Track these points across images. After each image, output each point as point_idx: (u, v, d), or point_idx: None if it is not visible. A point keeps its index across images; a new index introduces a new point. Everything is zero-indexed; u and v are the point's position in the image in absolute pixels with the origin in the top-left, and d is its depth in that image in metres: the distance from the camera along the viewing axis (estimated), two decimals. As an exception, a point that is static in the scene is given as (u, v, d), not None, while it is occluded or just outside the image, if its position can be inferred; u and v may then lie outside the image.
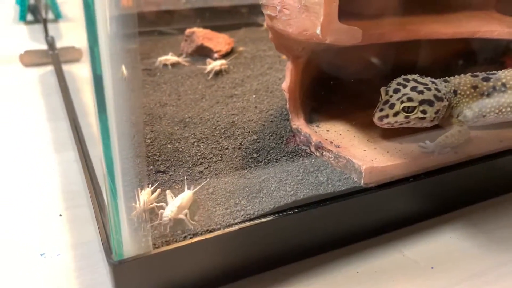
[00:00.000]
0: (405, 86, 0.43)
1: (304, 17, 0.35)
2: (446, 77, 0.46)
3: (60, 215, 0.45)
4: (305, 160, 0.44)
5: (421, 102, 0.42)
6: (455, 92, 0.45)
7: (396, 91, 0.43)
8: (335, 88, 0.52)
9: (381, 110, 0.42)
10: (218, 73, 0.65)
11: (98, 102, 0.29)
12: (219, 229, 0.36)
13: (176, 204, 0.36)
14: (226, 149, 0.46)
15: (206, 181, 0.40)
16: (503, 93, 0.46)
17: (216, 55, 0.71)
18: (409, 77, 0.44)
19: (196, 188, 0.39)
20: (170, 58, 0.69)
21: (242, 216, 0.37)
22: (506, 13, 0.56)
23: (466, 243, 0.43)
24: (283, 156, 0.45)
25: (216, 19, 0.90)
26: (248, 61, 0.72)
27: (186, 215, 0.36)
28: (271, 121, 0.51)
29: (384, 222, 0.43)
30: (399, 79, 0.44)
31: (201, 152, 0.46)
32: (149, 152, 0.45)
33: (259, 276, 0.38)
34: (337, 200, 0.40)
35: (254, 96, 0.58)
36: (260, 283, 0.38)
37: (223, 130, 0.49)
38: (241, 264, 0.37)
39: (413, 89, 0.42)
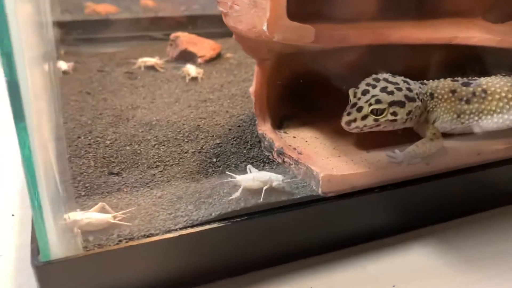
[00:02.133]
0: (374, 87, 0.40)
1: (253, 13, 0.34)
2: (424, 80, 0.44)
3: (13, 215, 0.44)
4: (265, 166, 0.42)
5: (391, 104, 0.39)
6: (431, 95, 0.43)
7: (364, 92, 0.40)
8: (309, 93, 0.50)
9: (349, 114, 0.40)
10: (195, 79, 0.64)
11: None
12: (157, 234, 0.34)
13: (85, 215, 0.33)
14: (186, 152, 0.45)
15: (130, 210, 0.36)
16: (483, 99, 0.43)
17: (199, 60, 0.70)
18: (380, 76, 0.41)
19: (119, 218, 0.35)
20: (148, 60, 0.68)
21: (184, 221, 0.35)
22: (495, 21, 0.54)
23: (434, 262, 0.40)
24: (244, 161, 0.43)
25: (209, 26, 0.89)
26: (233, 67, 0.71)
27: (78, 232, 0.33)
28: (239, 126, 0.49)
29: (346, 235, 0.41)
30: (369, 79, 0.41)
31: (159, 155, 0.44)
32: (105, 154, 0.44)
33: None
34: (292, 209, 0.37)
35: (228, 101, 0.56)
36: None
37: (187, 134, 0.48)
38: (178, 274, 0.35)
39: (382, 89, 0.40)
